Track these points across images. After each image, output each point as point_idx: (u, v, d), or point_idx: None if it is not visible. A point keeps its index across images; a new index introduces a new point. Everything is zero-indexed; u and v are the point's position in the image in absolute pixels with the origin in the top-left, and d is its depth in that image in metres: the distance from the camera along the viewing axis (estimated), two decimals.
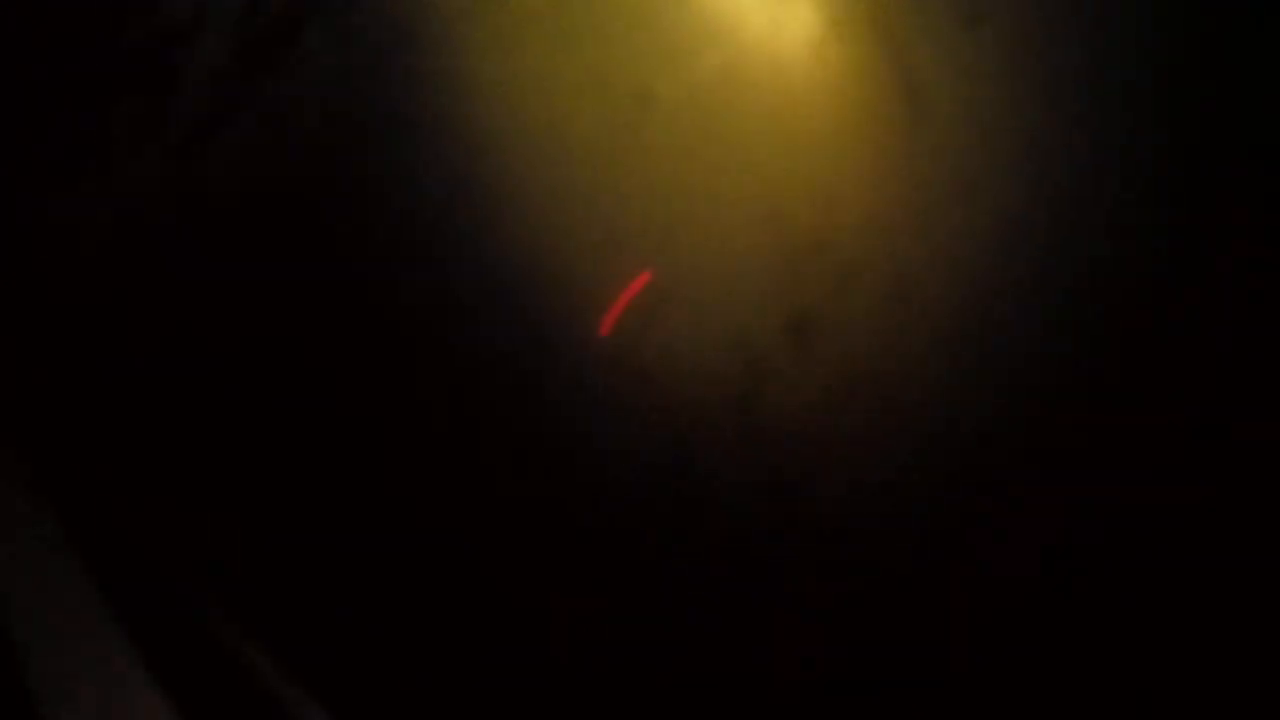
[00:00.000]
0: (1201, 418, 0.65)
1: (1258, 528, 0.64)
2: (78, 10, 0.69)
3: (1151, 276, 0.67)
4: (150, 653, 0.66)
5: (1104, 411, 0.66)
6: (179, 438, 0.68)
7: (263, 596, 0.67)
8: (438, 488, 0.68)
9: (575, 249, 0.69)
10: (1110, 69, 0.67)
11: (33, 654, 0.66)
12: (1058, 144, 0.67)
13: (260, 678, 0.67)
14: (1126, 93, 0.67)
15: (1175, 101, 0.67)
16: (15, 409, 0.68)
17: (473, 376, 0.69)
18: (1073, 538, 0.65)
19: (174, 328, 0.69)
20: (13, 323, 0.68)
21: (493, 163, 0.69)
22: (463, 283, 0.69)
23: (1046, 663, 0.65)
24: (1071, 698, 0.64)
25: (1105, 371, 0.66)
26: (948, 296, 0.67)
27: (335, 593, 0.67)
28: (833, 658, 0.66)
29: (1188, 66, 0.67)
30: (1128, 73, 0.67)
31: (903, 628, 0.66)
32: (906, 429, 0.66)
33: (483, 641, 0.67)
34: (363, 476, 0.68)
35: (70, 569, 0.67)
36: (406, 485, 0.68)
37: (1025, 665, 0.65)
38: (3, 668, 0.65)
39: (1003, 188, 0.67)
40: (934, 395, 0.66)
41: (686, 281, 0.68)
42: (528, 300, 0.68)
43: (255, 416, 0.68)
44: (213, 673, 0.66)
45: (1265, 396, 0.65)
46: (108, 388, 0.69)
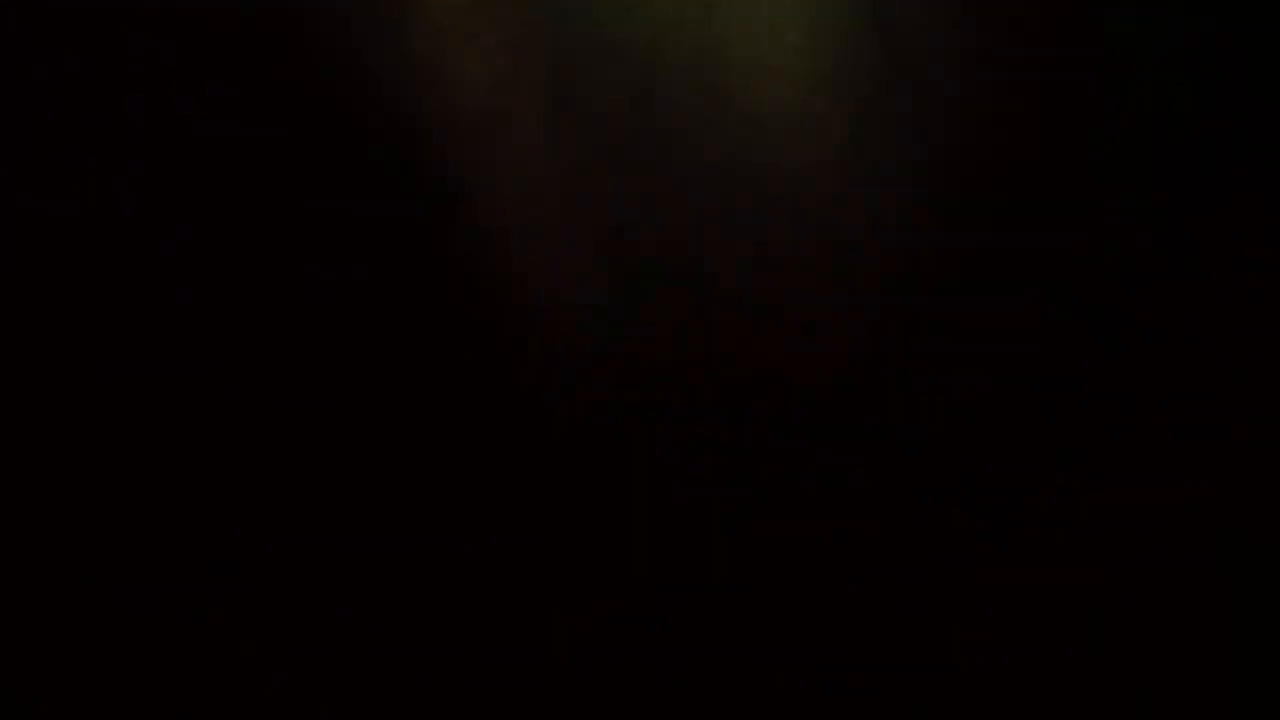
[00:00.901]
0: (1202, 418, 0.65)
1: (1258, 528, 0.64)
2: (79, 10, 0.69)
3: (1148, 272, 0.67)
4: (151, 652, 0.66)
5: (1102, 408, 0.66)
6: (179, 437, 0.68)
7: (263, 596, 0.67)
8: (437, 488, 0.68)
9: (566, 239, 0.69)
10: (1103, 61, 0.67)
11: (33, 654, 0.66)
12: (1046, 134, 0.67)
13: (260, 678, 0.67)
14: (1119, 85, 0.68)
15: (1169, 95, 0.67)
16: (15, 408, 0.68)
17: (472, 376, 0.69)
18: (1073, 537, 0.65)
19: (174, 327, 0.69)
20: (13, 322, 0.68)
21: (490, 152, 0.69)
22: (461, 279, 0.69)
23: (1047, 662, 0.65)
24: (1071, 697, 0.64)
25: (1108, 370, 0.66)
26: (932, 283, 0.67)
27: (335, 593, 0.67)
28: (831, 658, 0.66)
29: (1179, 56, 0.67)
30: (1120, 63, 0.67)
31: (903, 628, 0.66)
32: (892, 422, 0.67)
33: (483, 641, 0.67)
34: (363, 477, 0.68)
35: (70, 569, 0.67)
36: (406, 486, 0.68)
37: (1026, 665, 0.65)
38: (3, 668, 0.65)
39: (981, 171, 0.67)
40: (931, 394, 0.67)
41: (671, 260, 0.68)
42: (527, 296, 0.68)
43: (255, 417, 0.68)
44: (213, 673, 0.66)
45: (1265, 396, 0.65)
46: (108, 387, 0.69)
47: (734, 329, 0.68)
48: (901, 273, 0.68)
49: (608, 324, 0.68)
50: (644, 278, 0.68)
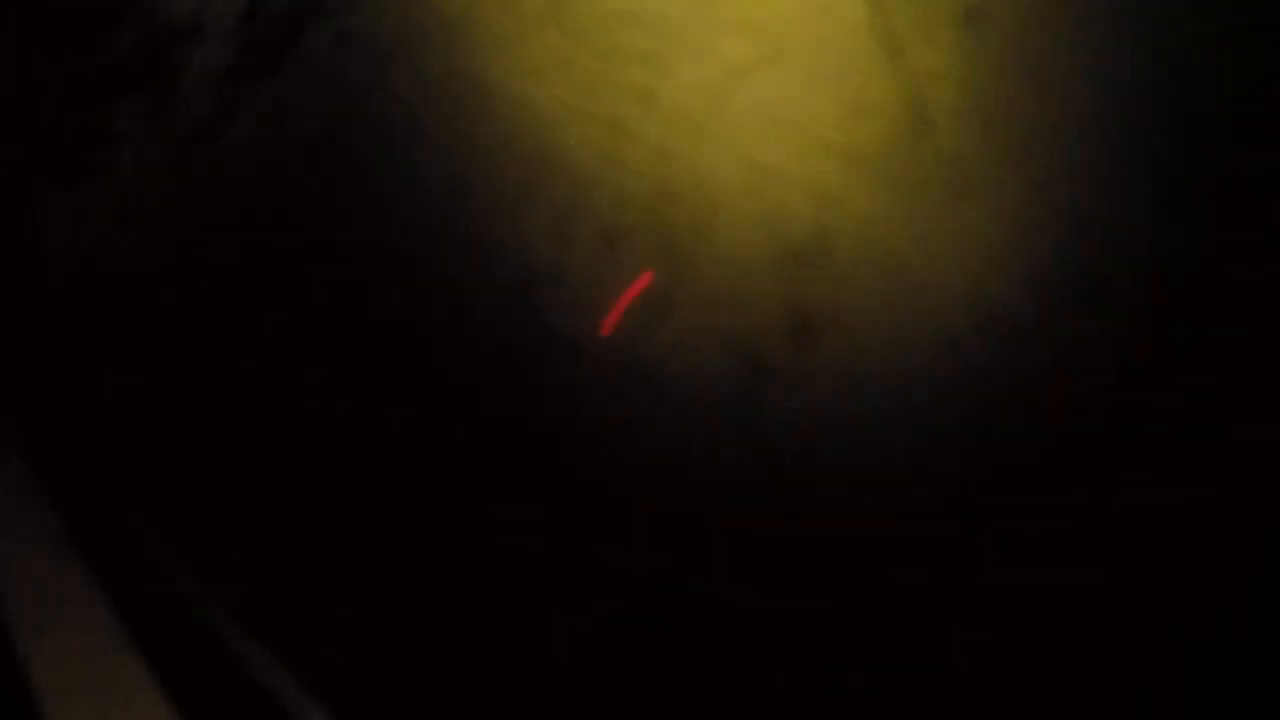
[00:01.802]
0: (1202, 417, 0.65)
1: (1258, 528, 0.64)
2: (78, 10, 0.69)
3: (1155, 275, 0.67)
4: (151, 653, 0.67)
5: (1108, 410, 0.66)
6: (179, 438, 0.68)
7: (263, 596, 0.67)
8: (436, 489, 0.68)
9: (576, 248, 0.69)
10: (1114, 67, 0.67)
11: (33, 654, 0.66)
12: (1059, 143, 0.67)
13: (260, 678, 0.67)
14: (1131, 91, 0.67)
15: (1180, 100, 0.67)
16: (15, 408, 0.68)
17: (473, 378, 0.69)
18: (1073, 537, 0.65)
19: (174, 328, 0.69)
20: (13, 322, 0.68)
21: (494, 162, 0.69)
22: (464, 283, 0.69)
23: (1047, 663, 0.65)
24: (1071, 697, 0.64)
25: (1108, 370, 0.66)
26: (948, 296, 0.67)
27: (335, 592, 0.67)
28: (831, 658, 0.66)
29: (1193, 64, 0.67)
30: (1132, 70, 0.67)
31: (903, 629, 0.66)
32: (906, 429, 0.66)
33: (483, 641, 0.67)
34: (362, 477, 0.68)
35: (70, 569, 0.67)
36: (406, 486, 0.68)
37: (1025, 665, 0.65)
38: (3, 668, 0.65)
39: (1002, 186, 0.67)
40: (934, 394, 0.67)
41: (687, 280, 0.68)
42: (529, 300, 0.68)
43: (256, 417, 0.68)
44: (213, 673, 0.67)
45: (1265, 396, 0.65)
46: (108, 387, 0.69)
47: (733, 328, 0.68)
48: (901, 268, 0.68)
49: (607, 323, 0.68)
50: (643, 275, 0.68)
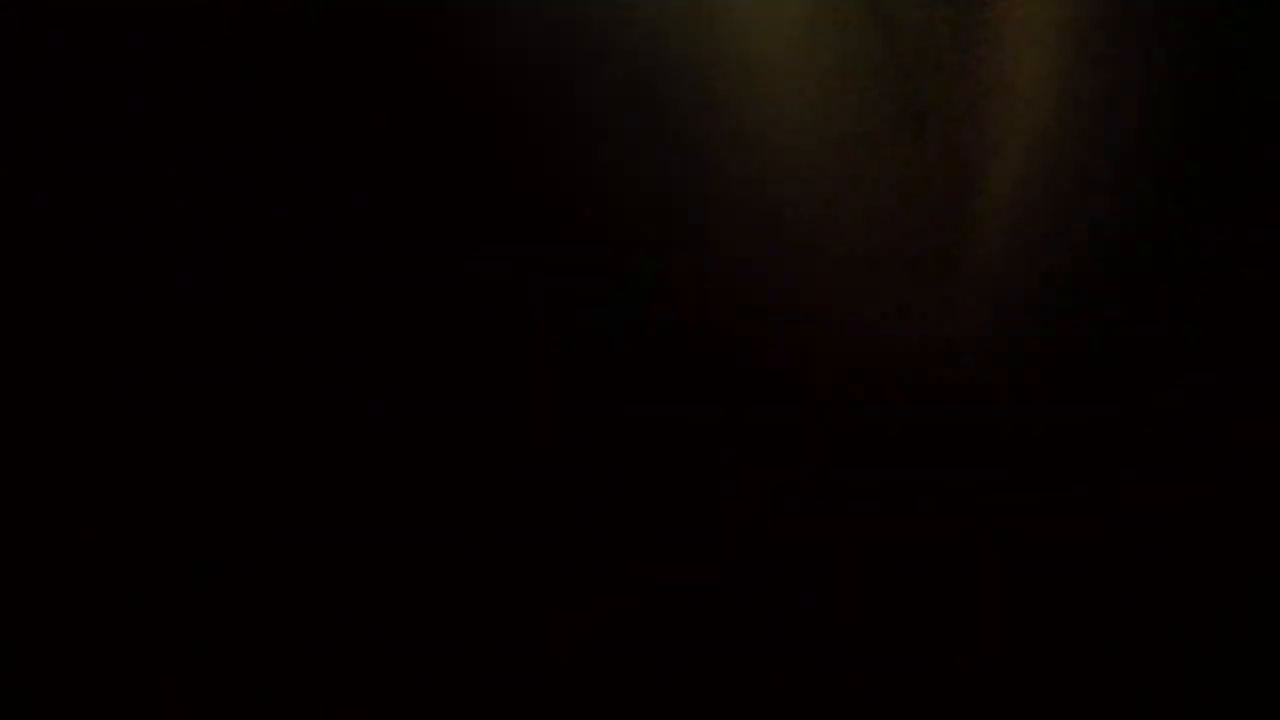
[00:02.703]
0: (1202, 417, 0.65)
1: (1258, 528, 0.64)
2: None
3: (1156, 267, 0.67)
4: (151, 652, 0.66)
5: (1108, 409, 0.66)
6: (180, 438, 0.68)
7: (263, 597, 0.67)
8: (436, 489, 0.68)
9: (573, 244, 0.69)
10: (1120, 59, 0.67)
11: (32, 654, 0.66)
12: (1063, 135, 0.67)
13: (261, 677, 0.66)
14: (1135, 83, 0.67)
15: (1183, 94, 0.67)
16: (16, 408, 0.68)
17: (477, 378, 0.69)
18: (1072, 537, 0.65)
19: (173, 328, 0.69)
20: (13, 322, 0.68)
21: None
22: (484, 276, 0.69)
23: (1047, 663, 0.65)
24: (1072, 697, 0.64)
25: (1104, 369, 0.66)
26: (948, 293, 0.67)
27: (336, 593, 0.67)
28: (832, 658, 0.66)
29: (1195, 57, 0.67)
30: (1136, 63, 0.67)
31: (904, 628, 0.66)
32: (915, 425, 0.66)
33: (483, 641, 0.67)
34: (362, 477, 0.68)
35: (71, 568, 0.67)
36: (406, 487, 0.68)
37: (1025, 665, 0.65)
38: (2, 668, 0.65)
39: (1002, 179, 0.67)
40: (938, 393, 0.67)
41: (700, 276, 0.68)
42: (525, 298, 0.68)
43: (255, 417, 0.68)
44: (213, 672, 0.66)
45: (1265, 396, 0.65)
46: (107, 386, 0.69)
47: (735, 328, 0.68)
48: (901, 263, 0.67)
49: (609, 323, 0.68)
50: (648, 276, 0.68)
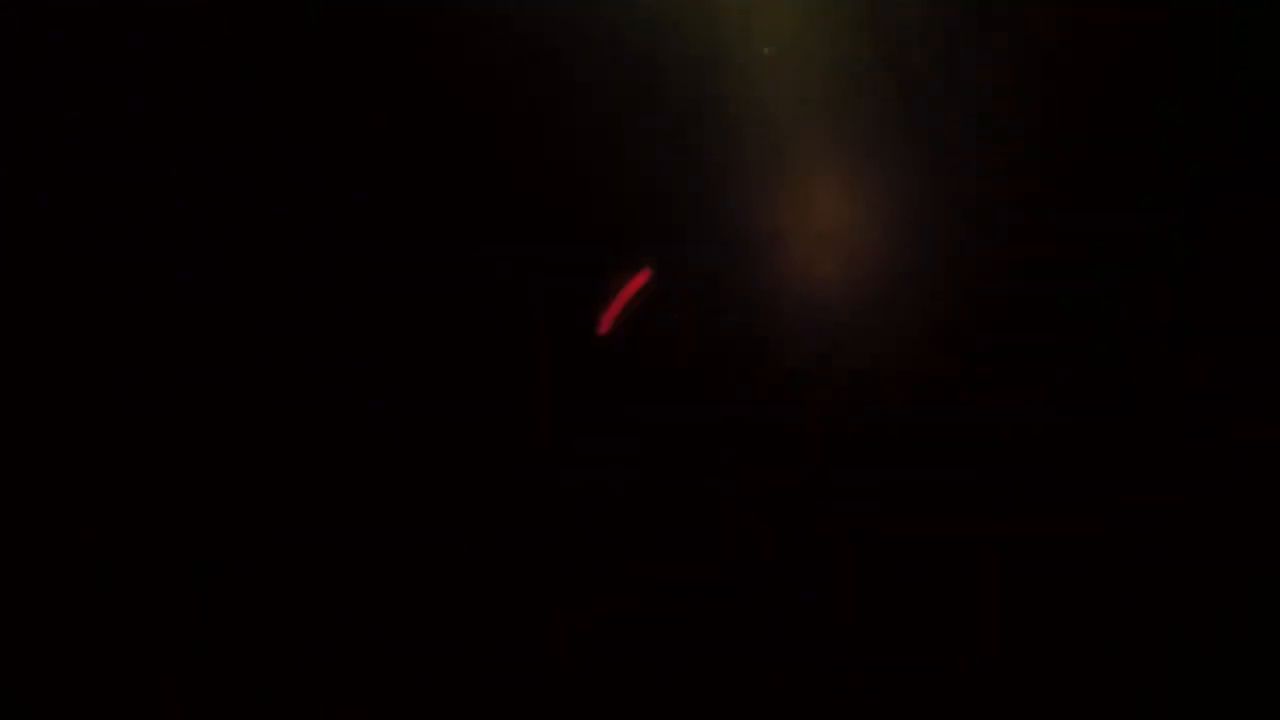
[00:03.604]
0: (1202, 417, 0.65)
1: (1258, 528, 0.64)
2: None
3: (1154, 274, 0.67)
4: (151, 652, 0.66)
5: (1107, 410, 0.66)
6: (180, 438, 0.68)
7: (264, 597, 0.67)
8: (436, 490, 0.68)
9: (574, 243, 0.68)
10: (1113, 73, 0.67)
11: (32, 654, 0.66)
12: (1057, 145, 0.67)
13: (261, 677, 0.66)
14: (1128, 96, 0.67)
15: (1177, 105, 0.67)
16: (15, 408, 0.68)
17: (471, 377, 0.68)
18: (1072, 537, 0.65)
19: (174, 328, 0.69)
20: (13, 322, 0.68)
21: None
22: (458, 279, 0.69)
23: (1047, 663, 0.65)
24: (1072, 697, 0.64)
25: (1104, 372, 0.66)
26: (944, 292, 0.67)
27: (337, 593, 0.67)
28: (831, 658, 0.66)
29: (1191, 69, 0.67)
30: (1130, 77, 0.67)
31: (903, 628, 0.66)
32: (903, 421, 0.66)
33: (483, 641, 0.67)
34: (362, 478, 0.68)
35: (70, 568, 0.67)
36: (407, 488, 0.68)
37: (1024, 665, 0.65)
38: (2, 668, 0.65)
39: (994, 185, 0.67)
40: (933, 389, 0.66)
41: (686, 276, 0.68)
42: (524, 296, 0.68)
43: (256, 417, 0.68)
44: (212, 671, 0.66)
45: (1265, 396, 0.65)
46: (107, 386, 0.68)
47: (737, 329, 0.68)
48: (901, 273, 0.68)
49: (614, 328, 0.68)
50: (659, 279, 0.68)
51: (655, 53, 0.68)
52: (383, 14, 0.68)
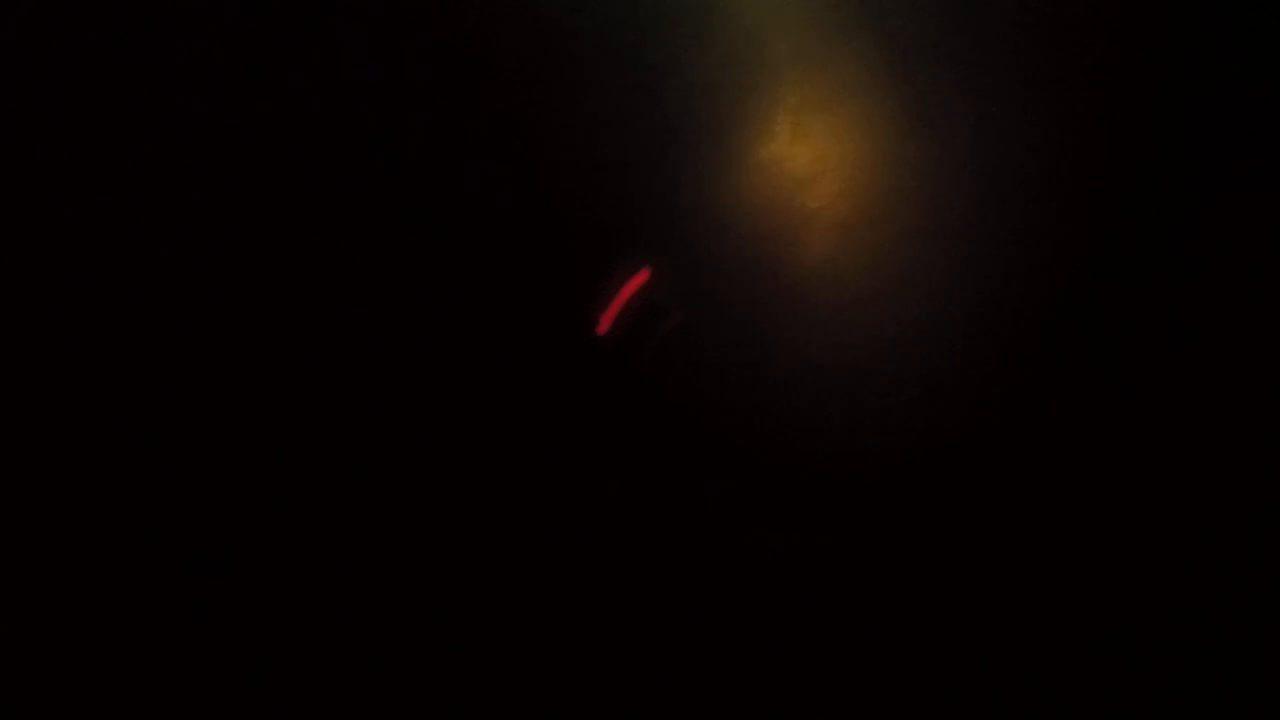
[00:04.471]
0: (1202, 417, 0.65)
1: (1258, 528, 0.64)
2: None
3: (1159, 276, 0.67)
4: (151, 652, 0.66)
5: (1107, 410, 0.66)
6: (180, 438, 0.68)
7: (264, 597, 0.67)
8: (436, 490, 0.68)
9: (572, 244, 0.69)
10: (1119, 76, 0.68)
11: (32, 654, 0.66)
12: (1069, 148, 0.67)
13: (259, 677, 0.66)
14: (1138, 99, 0.68)
15: (1184, 106, 0.67)
16: (15, 408, 0.68)
17: (470, 377, 0.69)
18: (1072, 537, 0.65)
19: (173, 327, 0.69)
20: (13, 322, 0.68)
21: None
22: (457, 281, 0.69)
23: (1046, 662, 0.65)
24: (1071, 697, 0.64)
25: (1110, 371, 0.66)
26: (952, 296, 0.67)
27: (337, 593, 0.67)
28: (832, 658, 0.66)
29: (1196, 72, 0.67)
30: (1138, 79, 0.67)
31: (903, 628, 0.66)
32: (906, 425, 0.67)
33: (482, 641, 0.67)
34: (359, 477, 0.68)
35: (70, 568, 0.67)
36: (405, 487, 0.68)
37: (1024, 665, 0.65)
38: (2, 668, 0.65)
39: (1008, 190, 0.67)
40: (939, 390, 0.67)
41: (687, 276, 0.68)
42: (524, 298, 0.68)
43: (255, 418, 0.68)
44: (212, 671, 0.66)
45: (1265, 397, 0.65)
46: (107, 386, 0.69)
47: (739, 333, 0.68)
48: (903, 276, 0.68)
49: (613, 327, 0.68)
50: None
51: (655, 53, 0.68)
52: (383, 14, 0.69)
